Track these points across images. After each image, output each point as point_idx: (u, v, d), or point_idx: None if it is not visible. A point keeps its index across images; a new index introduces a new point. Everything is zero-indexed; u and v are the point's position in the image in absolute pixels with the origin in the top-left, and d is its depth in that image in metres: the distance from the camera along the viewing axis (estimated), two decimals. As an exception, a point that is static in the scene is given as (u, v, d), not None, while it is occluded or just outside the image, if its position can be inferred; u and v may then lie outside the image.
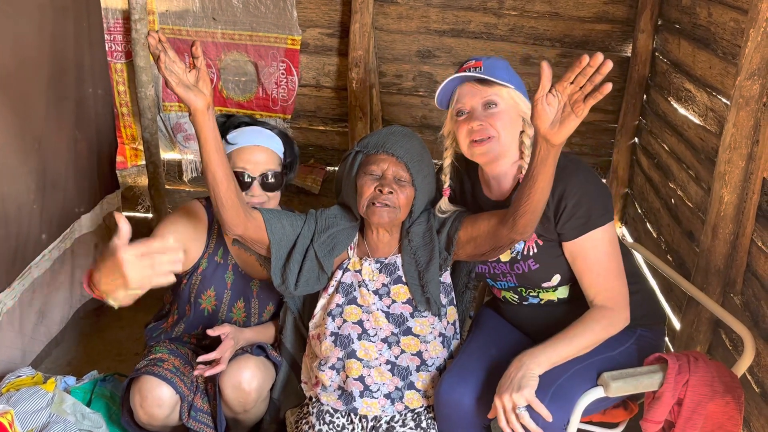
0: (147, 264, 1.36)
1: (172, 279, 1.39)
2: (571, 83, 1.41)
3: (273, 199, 2.03)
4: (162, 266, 1.37)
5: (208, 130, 1.61)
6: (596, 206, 1.73)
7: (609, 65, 1.36)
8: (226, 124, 2.05)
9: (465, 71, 1.80)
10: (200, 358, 1.95)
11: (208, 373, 1.94)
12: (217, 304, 2.10)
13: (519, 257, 1.84)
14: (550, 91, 1.44)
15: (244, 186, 1.97)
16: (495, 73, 1.77)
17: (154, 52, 1.53)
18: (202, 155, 1.64)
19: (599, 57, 1.36)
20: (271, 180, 2.00)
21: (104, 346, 2.87)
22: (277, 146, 2.06)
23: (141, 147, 3.25)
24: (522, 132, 1.81)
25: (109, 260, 1.38)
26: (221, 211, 1.71)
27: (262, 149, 2.01)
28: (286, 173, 2.10)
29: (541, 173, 1.53)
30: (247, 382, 1.96)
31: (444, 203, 1.91)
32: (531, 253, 1.82)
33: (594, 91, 1.39)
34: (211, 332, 1.99)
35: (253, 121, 2.11)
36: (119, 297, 1.43)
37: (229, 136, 2.01)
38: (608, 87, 1.37)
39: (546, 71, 1.42)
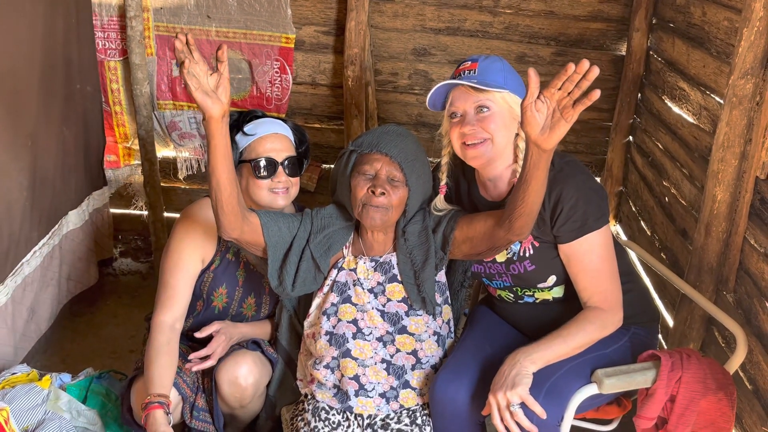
0: None
1: None
2: (559, 89, 1.42)
3: (295, 185, 2.06)
4: None
5: (220, 137, 1.61)
6: (592, 210, 1.74)
7: (595, 71, 1.37)
8: (240, 120, 2.08)
9: (461, 73, 1.79)
10: (192, 356, 1.98)
11: (197, 368, 1.96)
12: (228, 302, 2.11)
13: (515, 258, 1.85)
14: (538, 97, 1.45)
15: (270, 172, 2.00)
16: (489, 76, 1.76)
17: (179, 56, 1.52)
18: (210, 161, 1.64)
19: (585, 64, 1.37)
20: (293, 165, 2.04)
21: (99, 344, 2.87)
22: (290, 134, 2.11)
23: (134, 146, 3.24)
24: (517, 135, 1.80)
25: None
26: (220, 215, 1.72)
27: (280, 136, 2.05)
28: (303, 160, 2.13)
29: (534, 177, 1.54)
30: (244, 378, 1.96)
31: (440, 201, 1.92)
32: (527, 255, 1.83)
33: (582, 97, 1.40)
34: (198, 335, 2.01)
35: (263, 114, 2.14)
36: None
37: (246, 128, 2.04)
38: (596, 94, 1.38)
39: (533, 78, 1.43)
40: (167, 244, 2.05)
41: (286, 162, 2.02)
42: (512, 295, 1.95)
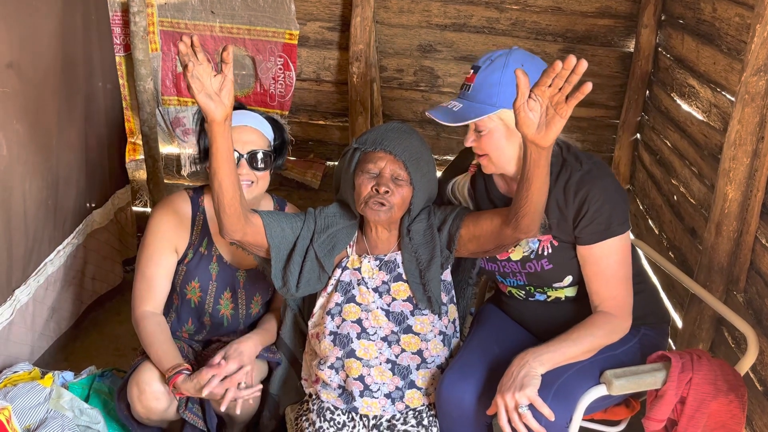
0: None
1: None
2: (549, 86, 1.39)
3: (262, 180, 2.02)
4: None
5: (222, 140, 1.60)
6: (617, 214, 1.71)
7: (583, 65, 1.34)
8: None
9: (463, 86, 1.77)
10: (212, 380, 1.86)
11: (224, 407, 1.85)
12: (202, 296, 2.10)
13: (532, 256, 1.82)
14: (529, 96, 1.42)
15: None
16: (481, 93, 1.70)
17: (183, 59, 1.49)
18: (212, 163, 1.62)
19: (572, 59, 1.35)
20: (259, 159, 2.00)
21: (102, 341, 2.85)
22: (266, 129, 2.07)
23: (139, 141, 3.23)
24: None
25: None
26: (222, 217, 1.71)
27: (250, 129, 2.02)
28: (275, 156, 2.10)
29: (535, 175, 1.52)
30: None
31: (462, 182, 1.91)
32: (545, 253, 1.80)
33: (574, 90, 1.37)
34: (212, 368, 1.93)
35: (240, 105, 2.11)
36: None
37: None
38: (588, 86, 1.35)
39: (522, 78, 1.40)
40: (143, 237, 2.07)
41: (251, 155, 1.99)
42: (523, 293, 1.93)
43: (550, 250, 1.80)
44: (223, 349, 1.95)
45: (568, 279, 1.82)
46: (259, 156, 2.00)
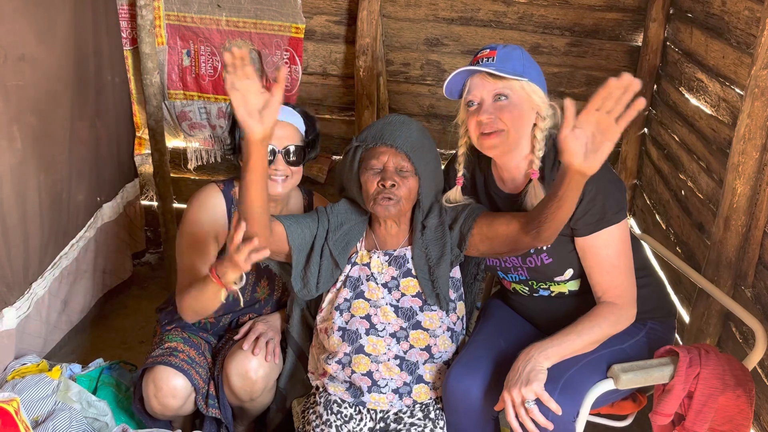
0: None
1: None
2: (597, 110, 1.34)
3: (296, 174, 2.04)
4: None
5: (258, 158, 1.55)
6: (611, 203, 1.70)
7: (637, 84, 1.29)
8: None
9: (479, 60, 1.76)
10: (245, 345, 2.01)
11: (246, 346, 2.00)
12: (241, 287, 2.10)
13: (532, 251, 1.82)
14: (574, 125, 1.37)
15: (269, 160, 1.98)
16: (508, 64, 1.72)
17: (228, 69, 1.41)
18: (245, 179, 1.58)
19: (626, 77, 1.29)
20: (294, 154, 2.01)
21: (109, 334, 2.86)
22: (299, 123, 2.08)
23: (145, 135, 3.23)
24: (534, 125, 1.76)
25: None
26: (248, 229, 1.66)
27: (285, 124, 2.01)
28: (308, 150, 2.10)
29: (568, 197, 1.49)
30: (254, 371, 1.95)
31: (455, 193, 1.88)
32: (544, 248, 1.80)
33: (626, 109, 1.32)
34: (237, 337, 2.07)
35: None
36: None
37: None
38: (642, 102, 1.30)
39: (570, 108, 1.35)
40: (180, 230, 2.05)
41: (287, 151, 2.00)
42: (527, 289, 1.92)
43: (549, 244, 1.79)
44: (251, 321, 2.05)
45: (569, 272, 1.81)
46: (296, 151, 2.01)
